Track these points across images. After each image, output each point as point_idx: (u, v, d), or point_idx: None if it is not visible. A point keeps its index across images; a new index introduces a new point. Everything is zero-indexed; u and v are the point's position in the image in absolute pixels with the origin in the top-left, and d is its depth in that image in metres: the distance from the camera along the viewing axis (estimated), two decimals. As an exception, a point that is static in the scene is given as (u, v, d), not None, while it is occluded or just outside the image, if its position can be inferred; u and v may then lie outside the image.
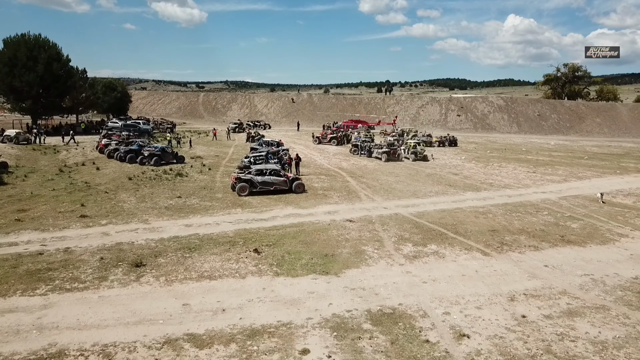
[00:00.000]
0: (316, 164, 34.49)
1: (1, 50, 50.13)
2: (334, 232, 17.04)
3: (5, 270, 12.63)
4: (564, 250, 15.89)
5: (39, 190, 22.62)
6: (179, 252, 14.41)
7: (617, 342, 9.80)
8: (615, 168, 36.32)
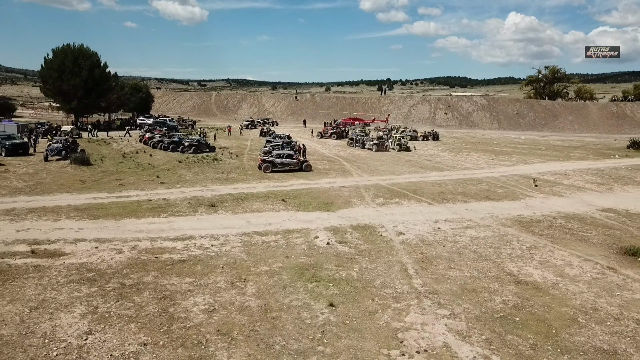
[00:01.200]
0: (319, 153, 42.61)
1: (51, 59, 58.41)
2: (332, 193, 25.15)
3: (135, 207, 20.79)
4: (484, 203, 23.98)
5: (119, 168, 30.80)
6: (235, 201, 22.57)
7: (486, 239, 17.90)
8: (561, 157, 44.41)
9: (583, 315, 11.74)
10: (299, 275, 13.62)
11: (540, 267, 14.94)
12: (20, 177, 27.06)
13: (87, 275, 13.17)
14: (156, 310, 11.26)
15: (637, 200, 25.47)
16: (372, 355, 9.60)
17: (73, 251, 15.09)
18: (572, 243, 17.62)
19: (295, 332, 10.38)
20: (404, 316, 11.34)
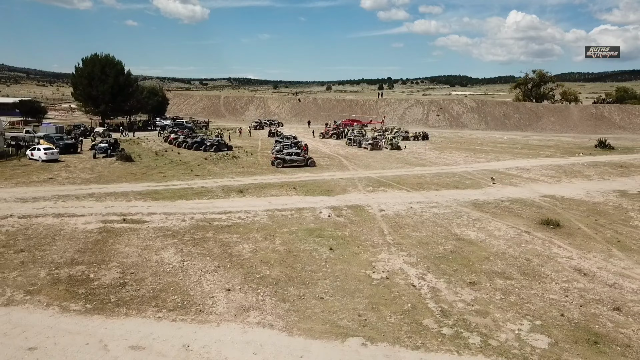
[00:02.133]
0: (321, 151, 48.87)
1: (81, 67, 64.73)
2: (332, 183, 31.45)
3: (182, 193, 27.12)
4: (451, 191, 30.25)
5: (157, 164, 37.13)
6: (257, 188, 28.89)
7: (445, 214, 24.16)
8: (531, 155, 50.62)
9: (493, 256, 18.07)
10: (309, 233, 19.94)
11: (477, 231, 21.25)
12: (82, 171, 33.40)
13: (168, 233, 19.51)
14: (220, 251, 17.60)
15: (574, 189, 31.76)
16: (356, 272, 15.94)
17: (151, 220, 21.42)
18: (507, 217, 23.93)
19: (309, 262, 16.73)
20: (377, 255, 17.68)
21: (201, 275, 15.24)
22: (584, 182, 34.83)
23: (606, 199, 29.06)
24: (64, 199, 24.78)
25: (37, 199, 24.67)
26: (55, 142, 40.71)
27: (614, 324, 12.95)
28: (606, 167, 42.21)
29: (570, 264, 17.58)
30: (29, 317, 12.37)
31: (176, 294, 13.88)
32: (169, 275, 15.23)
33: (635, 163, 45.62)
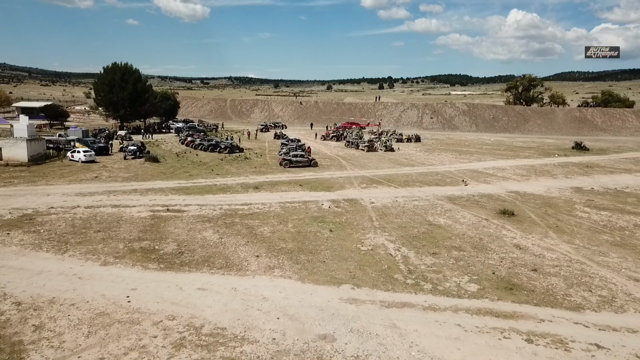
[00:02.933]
0: (322, 153, 54.28)
1: (103, 75, 70.18)
2: (332, 181, 36.88)
3: (208, 189, 32.57)
4: (432, 187, 35.64)
5: (181, 164, 42.57)
6: (269, 185, 34.35)
7: (423, 206, 29.59)
8: (511, 156, 56.00)
9: (455, 236, 23.51)
10: (314, 220, 25.41)
11: (446, 218, 26.71)
12: (119, 170, 38.88)
13: (204, 219, 24.98)
14: (247, 231, 23.06)
15: (537, 186, 37.20)
16: (349, 246, 21.39)
17: (188, 210, 26.90)
18: (473, 208, 29.38)
19: (314, 239, 22.19)
20: (365, 235, 23.14)
21: (236, 247, 20.72)
22: (549, 180, 40.25)
23: (561, 194, 34.51)
24: (113, 194, 30.26)
25: (92, 193, 30.16)
26: (89, 145, 46.13)
27: (528, 279, 18.40)
28: (573, 167, 47.62)
29: (512, 242, 23.03)
30: (123, 272, 17.84)
31: (221, 259, 19.36)
32: (212, 247, 20.71)
33: (600, 163, 51.02)
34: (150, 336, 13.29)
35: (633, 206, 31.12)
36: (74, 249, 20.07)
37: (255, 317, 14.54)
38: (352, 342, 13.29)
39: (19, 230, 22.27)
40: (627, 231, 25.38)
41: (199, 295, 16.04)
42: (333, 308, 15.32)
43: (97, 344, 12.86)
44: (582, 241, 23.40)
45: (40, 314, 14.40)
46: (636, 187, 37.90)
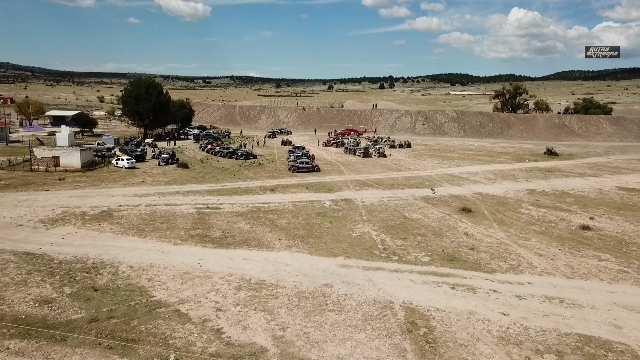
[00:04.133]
0: (324, 159, 62.45)
1: (129, 88, 78.49)
2: (332, 184, 45.08)
3: (234, 191, 40.82)
4: (412, 189, 43.79)
5: (207, 170, 50.79)
6: (282, 187, 42.60)
7: (402, 204, 37.80)
8: (487, 161, 64.13)
9: (421, 227, 31.73)
10: (318, 215, 33.66)
11: (418, 214, 34.91)
12: (158, 175, 47.14)
13: (237, 214, 33.24)
14: (269, 223, 31.31)
15: (499, 188, 45.35)
16: (343, 233, 29.64)
17: (223, 207, 35.15)
18: (441, 206, 37.58)
19: (318, 228, 30.46)
20: (356, 225, 31.39)
21: (264, 233, 29.00)
22: (511, 183, 48.42)
23: (515, 195, 42.69)
24: (162, 195, 38.55)
25: (145, 195, 38.46)
26: (129, 153, 54.36)
27: (465, 254, 26.61)
28: (536, 172, 55.77)
29: (463, 230, 31.24)
30: (190, 249, 26.10)
31: (254, 241, 27.63)
32: (247, 233, 28.98)
33: (562, 168, 59.17)
34: (219, 284, 21.55)
35: (567, 204, 39.32)
36: (151, 234, 28.37)
37: (282, 274, 22.80)
38: (342, 288, 21.53)
39: (106, 222, 30.58)
40: (552, 223, 33.59)
41: (244, 263, 24.30)
42: (331, 270, 23.57)
43: (188, 288, 21.13)
44: (515, 230, 31.62)
45: (148, 272, 22.68)
46: (579, 189, 46.07)
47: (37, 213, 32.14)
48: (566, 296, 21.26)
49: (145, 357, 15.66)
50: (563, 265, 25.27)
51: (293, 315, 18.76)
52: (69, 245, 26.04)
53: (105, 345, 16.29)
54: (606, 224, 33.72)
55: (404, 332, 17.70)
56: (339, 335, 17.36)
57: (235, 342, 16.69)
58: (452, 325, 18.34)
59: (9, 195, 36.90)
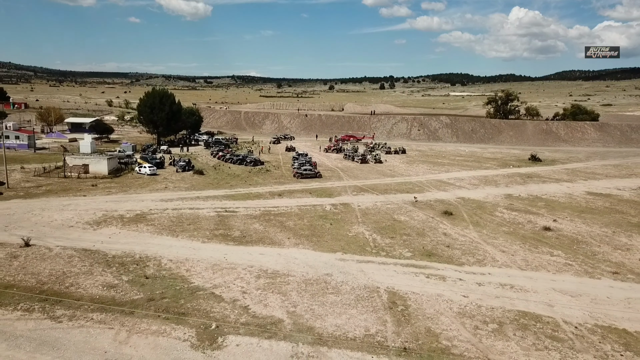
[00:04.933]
0: (325, 165, 67.91)
1: (144, 99, 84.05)
2: (332, 189, 50.56)
3: (247, 196, 46.33)
4: (404, 194, 49.23)
5: (221, 176, 56.28)
6: (288, 193, 48.09)
7: (393, 208, 43.26)
8: (475, 167, 69.53)
9: (408, 227, 37.23)
10: (320, 217, 39.18)
11: (406, 217, 40.41)
12: (178, 182, 52.64)
13: (252, 216, 38.76)
14: (279, 224, 36.84)
15: (480, 193, 50.80)
16: (342, 233, 35.16)
17: (239, 211, 40.67)
18: (426, 210, 43.05)
19: (321, 228, 35.99)
20: (352, 226, 36.91)
21: (275, 233, 34.54)
22: (492, 188, 53.87)
23: (494, 199, 48.15)
24: (185, 200, 44.07)
25: (170, 199, 43.99)
26: (149, 161, 59.86)
27: (442, 251, 32.08)
28: (517, 177, 61.22)
29: (443, 231, 36.71)
30: (216, 246, 31.61)
31: (268, 239, 33.16)
32: (261, 233, 34.50)
33: (541, 174, 64.59)
34: (243, 274, 27.07)
35: (537, 208, 44.79)
36: (181, 234, 33.91)
37: (292, 266, 28.32)
38: (340, 277, 27.02)
39: (142, 224, 36.13)
40: (520, 225, 39.07)
41: (260, 257, 29.82)
42: (331, 263, 29.08)
43: (219, 276, 26.63)
44: (487, 231, 37.09)
45: (185, 264, 28.20)
46: (552, 194, 51.52)
47: (82, 216, 37.69)
48: (516, 283, 26.76)
49: (194, 325, 21.19)
50: (520, 259, 30.78)
51: (301, 296, 24.27)
52: (116, 243, 31.58)
53: (163, 317, 21.81)
54: (566, 225, 39.20)
55: (386, 308, 23.20)
56: (336, 310, 22.87)
57: (259, 315, 22.21)
58: (423, 304, 23.84)
59: (53, 200, 42.46)
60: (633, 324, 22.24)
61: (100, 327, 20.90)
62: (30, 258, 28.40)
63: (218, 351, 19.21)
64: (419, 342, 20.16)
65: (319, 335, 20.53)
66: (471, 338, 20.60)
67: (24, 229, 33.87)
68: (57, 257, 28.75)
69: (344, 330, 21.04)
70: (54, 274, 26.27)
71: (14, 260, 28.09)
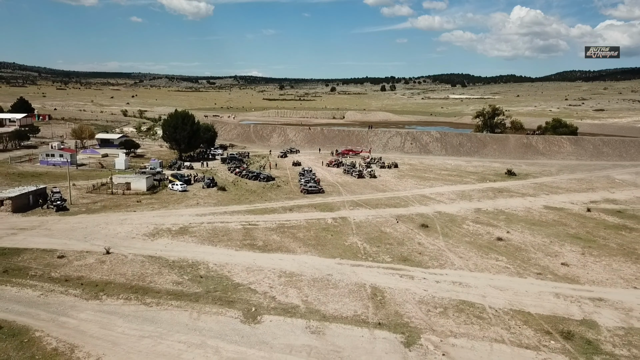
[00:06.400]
0: (327, 180, 78.04)
1: (168, 120, 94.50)
2: (333, 205, 60.72)
3: (264, 211, 56.58)
4: (391, 208, 59.35)
5: (240, 192, 66.53)
6: (297, 207, 58.29)
7: (380, 221, 53.46)
8: (456, 181, 79.54)
9: (391, 238, 47.38)
10: (323, 229, 49.42)
11: (391, 229, 50.59)
12: (206, 198, 62.88)
13: (270, 229, 49.00)
14: (291, 235, 47.08)
15: (454, 207, 60.90)
16: (340, 242, 45.38)
17: (259, 224, 50.92)
18: (408, 222, 53.21)
19: (323, 239, 46.24)
20: (348, 237, 47.15)
21: (290, 242, 44.80)
22: (466, 203, 63.97)
23: (464, 213, 58.26)
24: (215, 215, 54.31)
25: (204, 214, 54.25)
26: (179, 179, 70.12)
27: (415, 257, 42.26)
28: (489, 192, 71.30)
29: (418, 241, 46.85)
30: (246, 253, 41.83)
31: (284, 248, 43.40)
32: (278, 243, 44.74)
33: (511, 189, 74.61)
34: (269, 274, 37.30)
35: (498, 221, 54.92)
36: (219, 244, 44.18)
37: (303, 268, 38.54)
38: (338, 276, 37.21)
39: (186, 235, 46.41)
40: (479, 236, 49.21)
41: (280, 261, 40.06)
42: (332, 266, 39.30)
43: (252, 276, 36.86)
44: (453, 241, 47.22)
45: (225, 267, 38.44)
46: (514, 208, 61.62)
47: (139, 229, 48.02)
48: (464, 281, 36.95)
49: (240, 308, 31.42)
50: (472, 263, 40.97)
51: (311, 289, 34.51)
52: (172, 251, 41.87)
53: (219, 303, 32.07)
54: (516, 236, 49.35)
55: (369, 298, 33.40)
56: (335, 299, 33.09)
57: (282, 302, 32.44)
58: (395, 295, 34.04)
59: (112, 215, 52.82)
60: (536, 309, 32.41)
61: (178, 309, 31.20)
62: (114, 263, 38.75)
63: (259, 324, 29.48)
64: (389, 319, 30.38)
65: (323, 314, 30.79)
66: (423, 317, 30.82)
67: (99, 239, 44.22)
68: (132, 262, 39.08)
69: (340, 312, 31.28)
70: (135, 274, 36.60)
71: (102, 264, 38.43)
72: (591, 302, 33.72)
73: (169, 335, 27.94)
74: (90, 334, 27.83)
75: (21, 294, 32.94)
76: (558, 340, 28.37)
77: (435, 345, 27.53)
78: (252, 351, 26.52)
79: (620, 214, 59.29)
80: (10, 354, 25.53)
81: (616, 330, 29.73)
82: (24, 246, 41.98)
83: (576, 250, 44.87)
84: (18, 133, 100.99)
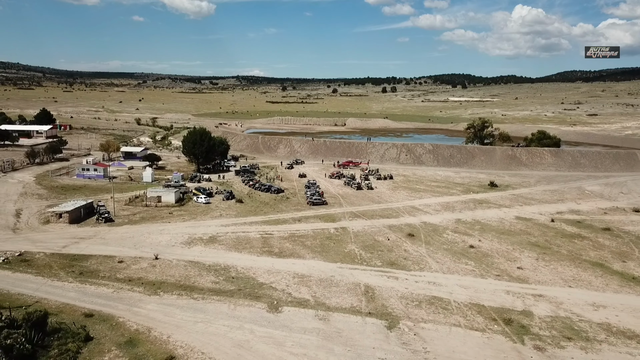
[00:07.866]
0: (329, 192, 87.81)
1: (187, 136, 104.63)
2: (334, 216, 70.51)
3: (277, 221, 66.44)
4: (384, 219, 69.17)
5: (255, 204, 76.42)
6: (305, 218, 68.13)
7: (374, 231, 63.26)
8: (443, 193, 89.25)
9: (382, 246, 57.25)
10: (326, 238, 59.28)
11: (383, 238, 60.42)
12: (227, 209, 72.75)
13: (283, 238, 58.88)
14: (300, 243, 56.94)
15: (438, 218, 70.66)
16: (340, 249, 55.27)
17: (274, 233, 60.82)
18: (397, 232, 63.03)
19: (327, 246, 56.11)
20: (347, 245, 57.03)
21: (300, 250, 54.69)
22: (449, 214, 73.73)
23: (446, 223, 68.01)
24: (236, 225, 64.21)
25: (227, 225, 64.17)
26: (202, 192, 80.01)
27: (400, 262, 52.06)
28: (471, 203, 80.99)
29: (404, 248, 56.64)
30: (265, 258, 51.68)
31: (295, 254, 53.28)
32: (290, 250, 54.62)
33: (490, 200, 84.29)
34: (285, 276, 47.17)
35: (473, 231, 64.66)
36: (243, 250, 54.08)
37: (311, 271, 48.40)
38: (338, 277, 47.03)
39: (216, 244, 56.32)
40: (455, 244, 58.97)
41: (293, 265, 49.94)
42: (334, 269, 49.13)
43: (272, 277, 46.72)
44: (433, 248, 56.99)
45: (251, 270, 48.32)
46: (489, 218, 71.35)
47: (176, 238, 57.96)
48: (437, 281, 46.76)
49: (266, 302, 41.29)
50: (445, 267, 50.77)
51: (318, 288, 44.39)
52: (206, 257, 51.78)
53: (249, 298, 41.97)
54: (486, 244, 59.11)
55: (363, 294, 43.25)
56: (336, 295, 42.95)
57: (297, 297, 42.33)
58: (383, 292, 43.87)
59: (151, 226, 62.78)
60: (489, 303, 42.23)
61: (218, 302, 41.14)
62: (163, 266, 48.70)
63: (280, 313, 39.40)
64: (377, 310, 40.26)
65: (328, 306, 40.70)
66: (403, 308, 40.69)
67: (146, 247, 54.18)
68: (177, 266, 49.03)
69: (340, 304, 41.19)
70: (181, 275, 46.56)
71: (154, 267, 48.39)
72: (532, 297, 43.53)
73: (216, 321, 37.83)
74: (158, 320, 37.74)
75: (99, 290, 42.91)
76: (500, 325, 38.20)
77: (410, 328, 37.39)
78: (277, 332, 36.40)
79: (579, 224, 69.01)
80: (107, 332, 35.47)
81: (545, 318, 39.55)
82: (88, 253, 51.96)
83: (532, 256, 54.66)
84: (52, 147, 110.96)
